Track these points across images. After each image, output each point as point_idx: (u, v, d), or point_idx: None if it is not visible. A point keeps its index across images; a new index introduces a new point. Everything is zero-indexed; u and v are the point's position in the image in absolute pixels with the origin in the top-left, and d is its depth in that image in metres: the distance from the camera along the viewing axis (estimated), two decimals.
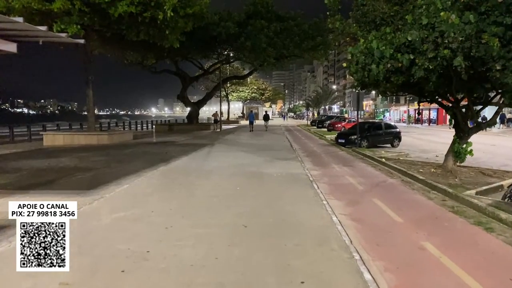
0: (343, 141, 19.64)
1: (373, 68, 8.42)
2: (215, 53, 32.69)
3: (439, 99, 11.38)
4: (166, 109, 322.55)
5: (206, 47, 29.66)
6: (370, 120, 44.12)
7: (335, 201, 7.00)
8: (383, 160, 13.40)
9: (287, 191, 7.72)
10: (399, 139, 20.55)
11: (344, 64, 8.83)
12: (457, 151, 10.69)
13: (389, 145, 20.18)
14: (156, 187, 7.78)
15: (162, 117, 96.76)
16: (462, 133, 10.71)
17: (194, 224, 5.25)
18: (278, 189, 7.84)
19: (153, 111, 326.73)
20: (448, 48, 7.33)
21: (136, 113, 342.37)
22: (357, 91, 15.15)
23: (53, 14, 15.49)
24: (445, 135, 29.47)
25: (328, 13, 13.20)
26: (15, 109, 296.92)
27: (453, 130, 10.91)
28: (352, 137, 19.25)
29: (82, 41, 10.06)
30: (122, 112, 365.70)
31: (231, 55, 32.71)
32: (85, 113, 24.41)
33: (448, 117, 10.98)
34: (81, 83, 20.19)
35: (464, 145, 10.71)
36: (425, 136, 27.53)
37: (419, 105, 12.75)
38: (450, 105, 10.98)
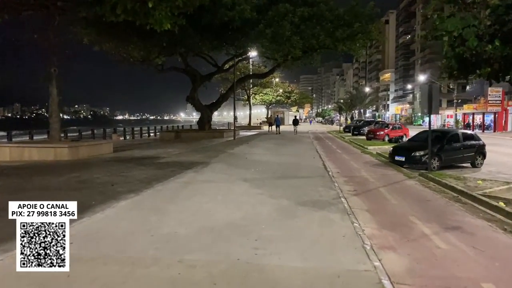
0: (403, 158, 13.27)
1: None
2: (229, 45, 26.94)
3: None
4: (194, 114, 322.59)
5: (215, 37, 24.03)
6: (440, 128, 36.71)
7: None
8: (501, 204, 7.20)
9: None
10: (484, 155, 14.06)
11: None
12: None
13: (468, 164, 13.76)
14: None
15: (190, 122, 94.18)
16: None
17: None
18: None
19: (182, 115, 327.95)
20: None
21: (165, 117, 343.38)
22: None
23: None
24: None
25: None
26: None
27: None
28: (417, 154, 12.92)
29: None
30: (152, 117, 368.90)
31: (248, 47, 26.82)
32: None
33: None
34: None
35: None
36: (496, 147, 20.12)
37: None
38: None
